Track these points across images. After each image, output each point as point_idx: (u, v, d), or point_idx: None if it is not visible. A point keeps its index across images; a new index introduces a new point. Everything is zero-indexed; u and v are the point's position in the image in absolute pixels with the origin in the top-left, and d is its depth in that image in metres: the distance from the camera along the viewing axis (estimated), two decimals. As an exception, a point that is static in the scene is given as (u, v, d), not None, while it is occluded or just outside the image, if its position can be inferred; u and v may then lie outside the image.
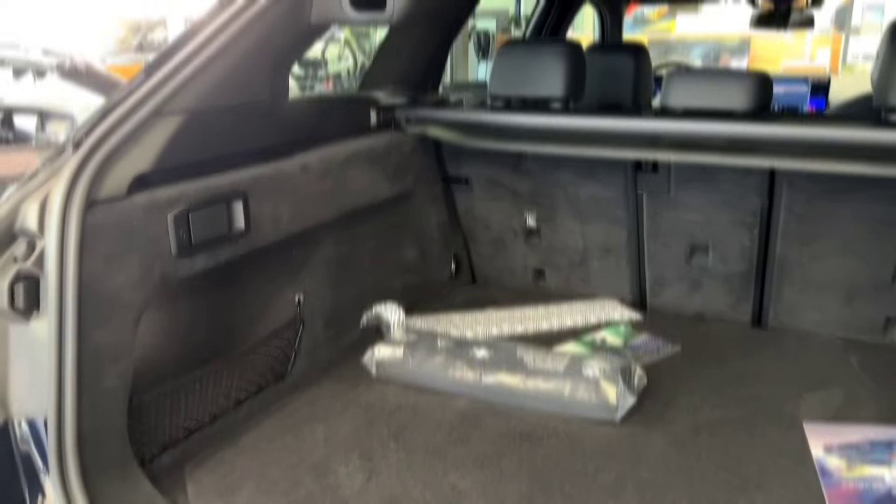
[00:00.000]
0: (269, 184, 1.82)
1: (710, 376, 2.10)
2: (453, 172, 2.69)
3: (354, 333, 2.30)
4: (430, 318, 2.45)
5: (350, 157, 2.11)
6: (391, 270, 2.47)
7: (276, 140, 1.87)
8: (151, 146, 1.54)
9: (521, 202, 2.64)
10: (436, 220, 2.64)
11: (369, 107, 2.33)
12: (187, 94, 1.59)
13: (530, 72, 2.43)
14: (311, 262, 2.12)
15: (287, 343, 2.09)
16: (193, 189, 1.63)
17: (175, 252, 1.58)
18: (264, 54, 1.76)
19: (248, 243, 1.78)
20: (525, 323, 2.46)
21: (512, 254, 2.77)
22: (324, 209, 2.03)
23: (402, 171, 2.39)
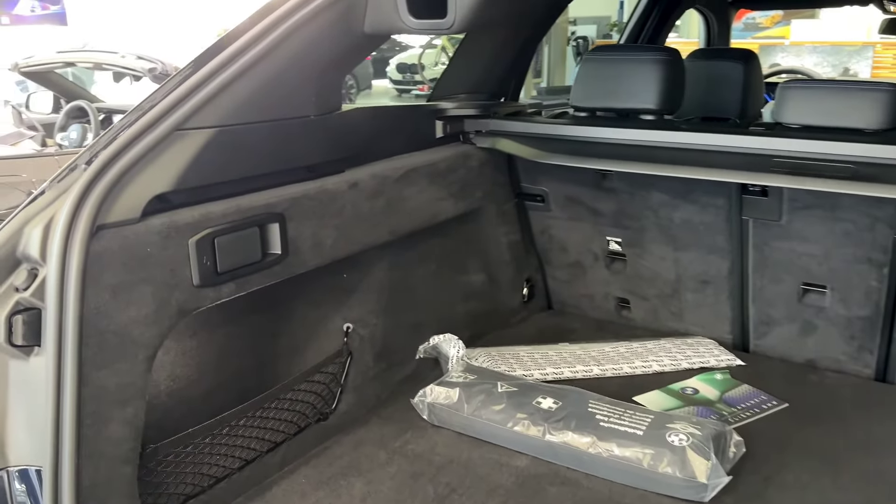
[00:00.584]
0: (311, 204, 1.61)
1: (825, 444, 1.75)
2: (528, 188, 2.41)
3: (409, 367, 2.06)
4: (495, 353, 2.19)
5: (407, 174, 1.88)
6: (454, 296, 2.22)
7: (322, 157, 1.66)
8: (172, 164, 1.35)
9: (604, 223, 2.34)
10: (507, 241, 2.37)
11: (434, 118, 2.08)
12: (214, 108, 1.40)
13: (620, 80, 2.14)
14: (362, 288, 1.90)
15: (332, 378, 1.87)
16: (220, 211, 1.43)
17: (197, 281, 1.39)
18: (308, 65, 1.55)
19: (286, 270, 1.58)
20: (603, 363, 2.15)
21: (592, 280, 2.48)
22: (375, 231, 1.80)
23: (469, 188, 2.14)
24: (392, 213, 1.84)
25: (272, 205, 1.53)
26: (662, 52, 2.13)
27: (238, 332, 1.74)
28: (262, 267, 1.52)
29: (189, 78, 1.37)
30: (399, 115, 1.98)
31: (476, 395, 1.82)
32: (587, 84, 2.22)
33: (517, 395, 1.81)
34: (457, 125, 2.15)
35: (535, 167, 2.33)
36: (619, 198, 2.27)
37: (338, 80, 1.68)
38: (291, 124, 1.56)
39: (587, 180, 2.29)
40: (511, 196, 2.38)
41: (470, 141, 2.18)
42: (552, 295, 2.61)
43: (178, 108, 1.34)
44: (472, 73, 2.34)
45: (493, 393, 1.82)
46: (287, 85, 1.52)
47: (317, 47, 1.54)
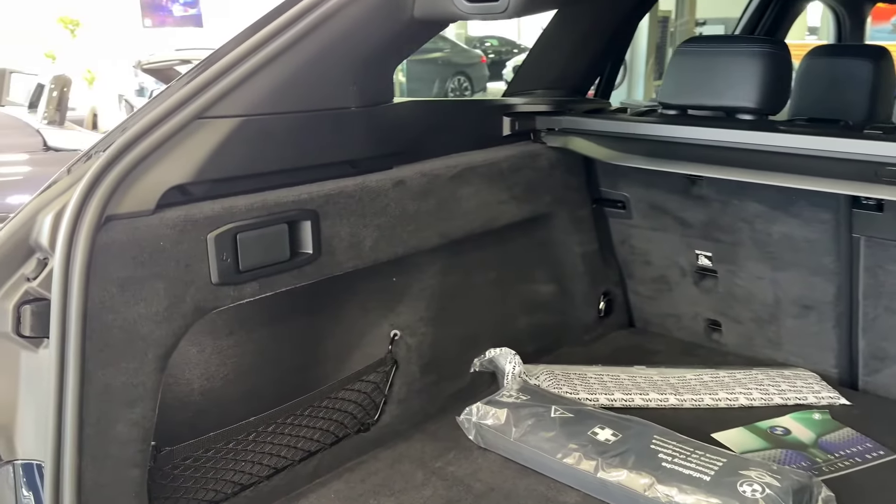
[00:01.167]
0: (349, 202, 1.49)
1: None
2: (607, 193, 2.20)
3: (461, 381, 1.91)
4: (559, 372, 2.00)
5: (462, 172, 1.73)
6: (517, 308, 2.05)
7: (365, 152, 1.53)
8: (192, 154, 1.27)
9: (693, 235, 2.10)
10: (581, 250, 2.18)
11: (502, 114, 1.92)
12: (241, 96, 1.30)
13: (716, 75, 1.91)
14: (411, 293, 1.77)
15: (375, 387, 1.75)
16: (245, 205, 1.33)
17: (216, 279, 1.30)
18: (348, 53, 1.43)
19: (318, 271, 1.47)
20: (681, 392, 1.92)
21: (678, 297, 2.24)
22: (423, 233, 1.66)
23: (536, 191, 1.96)
24: (443, 215, 1.69)
25: (304, 201, 1.42)
26: (766, 43, 1.88)
27: (279, 333, 1.65)
28: (290, 267, 1.42)
29: (214, 63, 1.29)
30: (460, 111, 1.83)
31: (525, 418, 1.65)
32: (678, 78, 1.99)
33: (572, 423, 1.62)
34: (527, 122, 1.98)
35: (615, 170, 2.13)
36: (710, 207, 2.03)
37: (385, 69, 1.55)
38: (328, 116, 1.45)
39: (674, 186, 2.06)
40: (587, 201, 2.18)
41: (540, 140, 2.00)
42: (634, 312, 2.38)
43: (201, 95, 1.26)
44: (551, 67, 2.17)
45: (544, 417, 1.64)
46: (323, 73, 1.41)
47: (358, 33, 1.42)
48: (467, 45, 16.11)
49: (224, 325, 1.57)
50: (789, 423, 1.79)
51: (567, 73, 2.18)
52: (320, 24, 1.36)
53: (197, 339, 1.55)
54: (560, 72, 2.17)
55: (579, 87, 2.22)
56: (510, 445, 1.64)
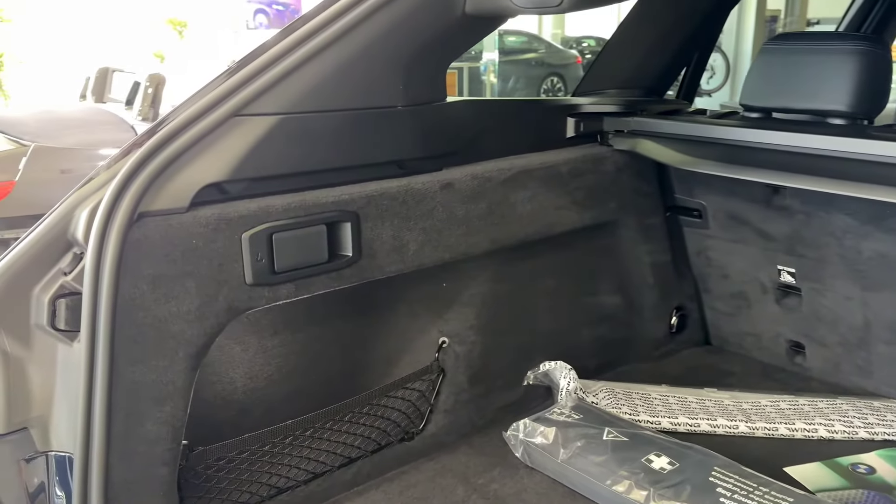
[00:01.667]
0: (392, 204, 1.43)
1: None
2: (682, 201, 2.06)
3: (513, 394, 1.82)
4: (620, 390, 1.88)
5: (516, 176, 1.64)
6: (578, 319, 1.94)
7: (412, 152, 1.47)
8: (228, 152, 1.24)
9: (775, 249, 1.93)
10: (651, 260, 2.04)
11: (566, 115, 1.81)
12: (279, 94, 1.27)
13: (805, 75, 1.75)
14: (461, 299, 1.70)
15: (420, 396, 1.69)
16: (282, 205, 1.30)
17: (250, 279, 1.27)
18: (394, 49, 1.37)
19: (358, 274, 1.42)
20: (753, 419, 1.77)
21: (758, 315, 2.07)
22: (473, 238, 1.58)
23: (599, 196, 1.84)
24: (495, 220, 1.61)
25: (345, 202, 1.37)
26: (863, 41, 1.70)
27: (324, 334, 1.62)
28: (328, 269, 1.37)
29: (253, 61, 1.25)
30: (520, 111, 1.74)
31: (575, 438, 1.55)
32: (763, 79, 1.83)
33: (625, 447, 1.51)
34: (593, 124, 1.87)
35: (691, 176, 1.99)
36: (794, 219, 1.86)
37: (436, 67, 1.48)
38: (372, 115, 1.39)
39: (755, 195, 1.90)
40: (659, 208, 2.04)
41: (607, 142, 1.88)
42: (710, 329, 2.22)
43: (238, 92, 1.23)
44: (624, 66, 2.05)
45: (596, 439, 1.54)
46: (367, 71, 1.35)
47: (405, 29, 1.36)
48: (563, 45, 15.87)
49: (269, 324, 1.55)
50: (874, 461, 1.62)
51: (642, 72, 2.05)
52: (365, 20, 1.31)
53: (241, 337, 1.53)
54: (634, 71, 2.05)
55: (655, 88, 2.09)
56: (557, 467, 1.54)
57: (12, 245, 1.22)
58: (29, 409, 1.20)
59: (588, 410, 1.66)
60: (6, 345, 1.17)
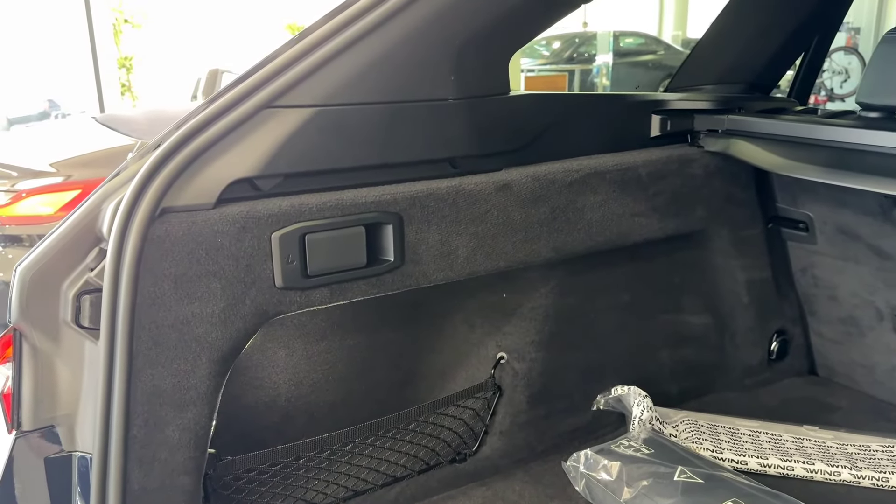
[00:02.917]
0: (440, 206, 1.31)
1: None
2: (786, 211, 1.82)
3: (580, 418, 1.66)
4: (704, 422, 1.67)
5: (586, 178, 1.47)
6: (658, 339, 1.75)
7: (464, 149, 1.34)
8: (259, 146, 1.16)
9: (893, 269, 1.67)
10: (747, 277, 1.82)
11: (650, 111, 1.63)
12: (316, 84, 1.18)
13: None
14: (521, 312, 1.56)
15: (474, 415, 1.57)
16: (316, 204, 1.21)
17: (280, 282, 1.19)
18: (444, 38, 1.25)
19: (401, 281, 1.31)
20: (859, 465, 1.52)
21: (873, 345, 1.80)
22: (532, 245, 1.44)
23: (684, 203, 1.64)
24: (559, 226, 1.46)
25: (387, 202, 1.26)
26: None
27: (374, 342, 1.52)
28: (367, 275, 1.27)
29: (290, 48, 1.17)
30: (594, 107, 1.56)
31: (642, 476, 1.37)
32: (885, 73, 1.58)
33: (698, 490, 1.32)
34: (682, 122, 1.67)
35: (795, 183, 1.75)
36: None
37: (495, 56, 1.34)
38: (418, 108, 1.27)
39: (870, 207, 1.65)
40: (758, 219, 1.81)
41: (698, 143, 1.68)
42: (816, 357, 1.97)
43: (272, 82, 1.15)
44: (723, 59, 1.83)
45: (665, 479, 1.36)
46: (412, 60, 1.24)
47: (458, 12, 1.24)
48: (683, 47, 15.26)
49: (316, 328, 1.47)
50: None
51: (744, 64, 1.83)
52: (411, 3, 1.19)
53: (287, 341, 1.46)
54: (735, 63, 1.83)
55: (760, 84, 1.86)
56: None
57: (42, 238, 1.19)
58: (56, 407, 1.16)
59: (661, 444, 1.48)
60: (36, 340, 1.14)
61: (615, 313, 1.66)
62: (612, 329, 1.66)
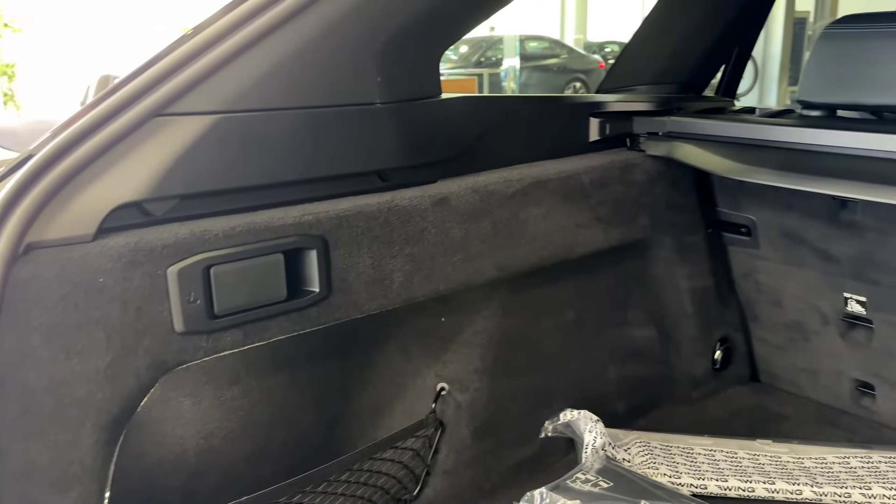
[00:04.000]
0: (371, 225, 1.15)
1: None
2: (727, 215, 1.75)
3: (527, 449, 1.53)
4: (657, 444, 1.58)
5: (528, 188, 1.34)
6: (603, 356, 1.65)
7: (396, 160, 1.19)
8: (147, 163, 0.97)
9: (839, 273, 1.62)
10: (689, 285, 1.74)
11: (587, 114, 1.52)
12: (216, 87, 1.00)
13: (877, 64, 1.45)
14: (462, 338, 1.41)
15: (415, 455, 1.41)
16: (222, 229, 1.02)
17: (180, 327, 1.00)
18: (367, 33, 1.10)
19: (328, 314, 1.14)
20: (820, 482, 1.45)
21: (818, 350, 1.76)
22: (475, 265, 1.30)
23: (628, 211, 1.54)
24: (501, 242, 1.32)
25: (308, 224, 1.09)
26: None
27: (297, 381, 1.34)
28: (288, 309, 1.10)
29: (182, 45, 0.98)
30: (531, 111, 1.44)
31: (603, 515, 1.25)
32: (824, 70, 1.53)
33: (665, 527, 1.21)
34: (621, 125, 1.57)
35: (737, 186, 1.68)
36: (865, 238, 1.54)
37: (426, 55, 1.19)
38: (341, 114, 1.11)
39: (816, 209, 1.59)
40: (699, 224, 1.74)
41: (638, 147, 1.59)
42: (758, 363, 1.91)
43: (162, 84, 0.96)
44: (657, 58, 1.75)
45: (628, 516, 1.24)
46: (331, 58, 1.07)
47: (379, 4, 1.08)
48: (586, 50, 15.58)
49: (227, 370, 1.27)
50: (977, 540, 1.30)
51: (677, 64, 1.75)
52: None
53: (192, 388, 1.25)
54: (668, 63, 1.75)
55: (692, 83, 1.79)
56: (581, 550, 1.24)
57: None
58: None
59: (619, 475, 1.36)
60: None
61: (560, 332, 1.54)
62: (557, 349, 1.54)
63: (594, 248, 1.48)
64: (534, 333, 1.49)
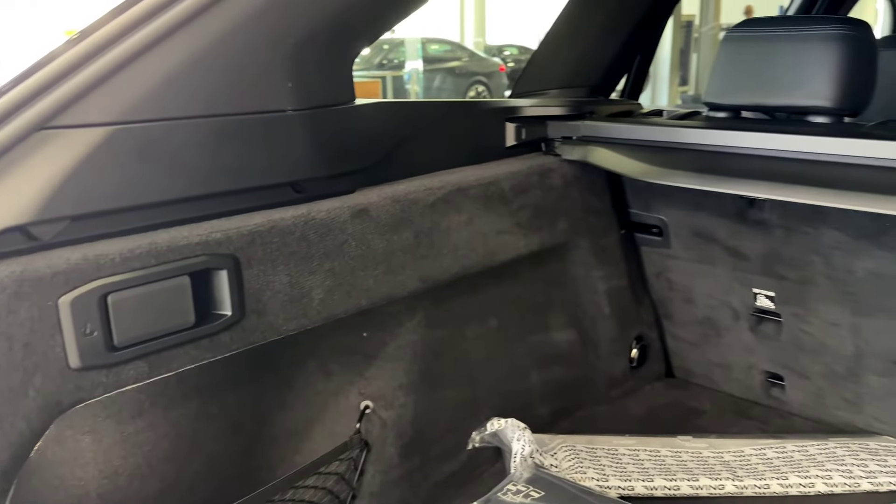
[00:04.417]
0: (286, 240, 1.09)
1: None
2: (639, 216, 1.78)
3: (455, 462, 1.50)
4: (583, 447, 1.58)
5: (449, 196, 1.32)
6: (527, 362, 1.64)
7: (311, 171, 1.13)
8: (31, 181, 0.88)
9: (749, 269, 1.67)
10: (606, 286, 1.76)
11: (503, 119, 1.50)
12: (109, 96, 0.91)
13: (778, 66, 1.50)
14: (386, 353, 1.36)
15: (339, 479, 1.35)
16: (119, 252, 0.94)
17: (76, 362, 0.91)
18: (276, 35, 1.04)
19: (242, 338, 1.07)
20: (740, 475, 1.49)
21: (729, 344, 1.81)
22: (398, 277, 1.25)
23: (548, 216, 1.54)
24: (424, 252, 1.28)
25: (217, 242, 1.02)
26: (845, 24, 1.45)
27: (207, 409, 1.25)
28: (197, 336, 1.02)
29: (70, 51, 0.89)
30: (448, 116, 1.41)
31: (537, 526, 1.23)
32: (729, 72, 1.58)
33: (599, 534, 1.20)
34: (536, 130, 1.57)
35: (648, 188, 1.71)
36: (773, 235, 1.60)
37: (338, 58, 1.14)
38: (250, 122, 1.04)
39: (725, 209, 1.64)
40: (614, 227, 1.76)
41: (554, 151, 1.59)
42: (672, 359, 1.95)
43: (47, 94, 0.87)
44: (566, 62, 1.76)
45: (562, 526, 1.22)
46: (239, 62, 1.01)
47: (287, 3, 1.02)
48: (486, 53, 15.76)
49: (130, 402, 1.17)
50: (886, 520, 1.36)
51: (586, 68, 1.77)
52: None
53: (92, 424, 1.15)
54: (577, 67, 1.76)
55: (602, 87, 1.81)
56: (516, 564, 1.22)
57: None
58: None
59: (550, 483, 1.34)
60: None
61: (484, 340, 1.52)
62: (482, 358, 1.52)
63: (515, 254, 1.46)
64: (458, 344, 1.46)
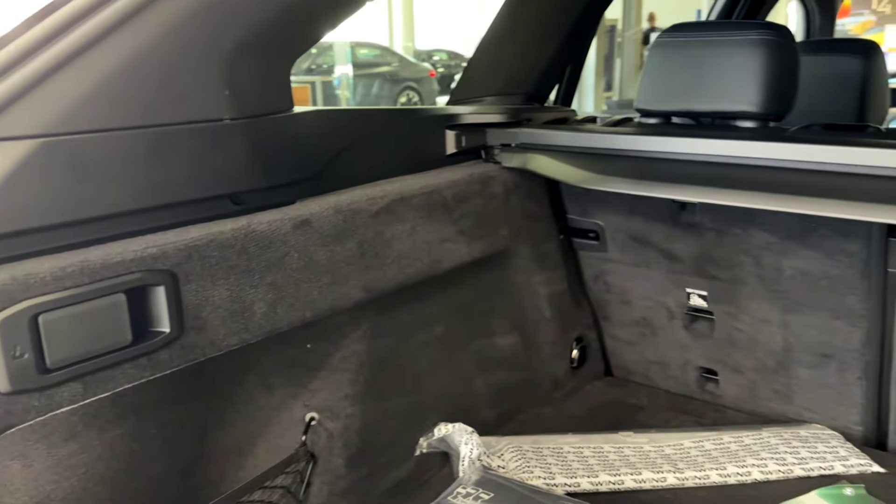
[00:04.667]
0: (226, 254, 1.07)
1: None
2: (576, 222, 1.82)
3: (403, 470, 1.50)
4: (529, 447, 1.60)
5: (392, 205, 1.32)
6: (471, 368, 1.65)
7: (250, 182, 1.12)
8: None
9: (682, 271, 1.73)
10: (547, 291, 1.79)
11: (443, 126, 1.52)
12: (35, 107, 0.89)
13: (706, 72, 1.56)
14: (331, 364, 1.35)
15: (285, 493, 1.33)
16: (50, 270, 0.90)
17: (6, 385, 0.88)
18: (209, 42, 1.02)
19: (181, 355, 1.05)
20: (681, 467, 1.54)
21: (665, 343, 1.86)
22: (341, 288, 1.25)
23: (489, 223, 1.56)
24: (368, 262, 1.28)
25: (153, 258, 0.99)
26: (768, 29, 1.52)
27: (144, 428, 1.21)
28: (134, 355, 0.99)
29: None
30: (388, 124, 1.42)
31: (488, 529, 1.24)
32: (658, 79, 1.63)
33: (549, 533, 1.22)
34: (476, 137, 1.59)
35: (585, 193, 1.75)
36: (704, 237, 1.66)
37: (276, 65, 1.13)
38: (186, 133, 1.02)
39: (658, 212, 1.69)
40: (553, 232, 1.79)
41: (493, 159, 1.61)
42: (611, 359, 2.00)
43: None
44: (501, 69, 1.78)
45: (513, 527, 1.24)
46: (171, 70, 0.99)
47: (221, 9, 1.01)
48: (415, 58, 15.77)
49: (62, 424, 1.13)
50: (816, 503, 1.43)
51: (521, 75, 1.80)
52: None
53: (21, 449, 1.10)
54: (513, 74, 1.79)
55: (536, 94, 1.84)
56: (468, 568, 1.23)
57: None
58: None
59: (498, 485, 1.36)
60: None
61: (429, 348, 1.52)
62: (427, 365, 1.52)
63: (458, 261, 1.47)
64: (403, 352, 1.46)
